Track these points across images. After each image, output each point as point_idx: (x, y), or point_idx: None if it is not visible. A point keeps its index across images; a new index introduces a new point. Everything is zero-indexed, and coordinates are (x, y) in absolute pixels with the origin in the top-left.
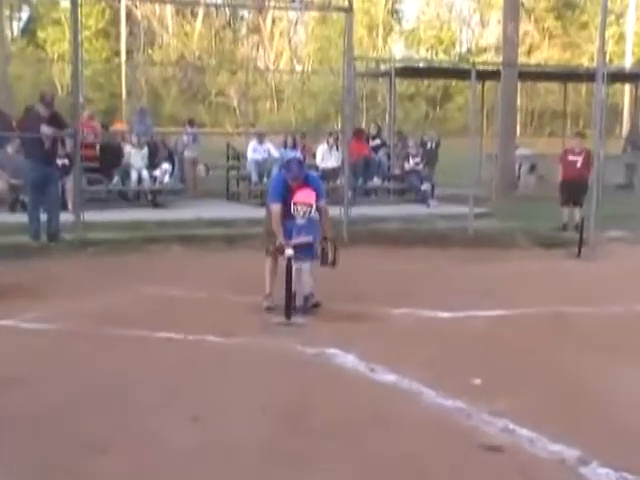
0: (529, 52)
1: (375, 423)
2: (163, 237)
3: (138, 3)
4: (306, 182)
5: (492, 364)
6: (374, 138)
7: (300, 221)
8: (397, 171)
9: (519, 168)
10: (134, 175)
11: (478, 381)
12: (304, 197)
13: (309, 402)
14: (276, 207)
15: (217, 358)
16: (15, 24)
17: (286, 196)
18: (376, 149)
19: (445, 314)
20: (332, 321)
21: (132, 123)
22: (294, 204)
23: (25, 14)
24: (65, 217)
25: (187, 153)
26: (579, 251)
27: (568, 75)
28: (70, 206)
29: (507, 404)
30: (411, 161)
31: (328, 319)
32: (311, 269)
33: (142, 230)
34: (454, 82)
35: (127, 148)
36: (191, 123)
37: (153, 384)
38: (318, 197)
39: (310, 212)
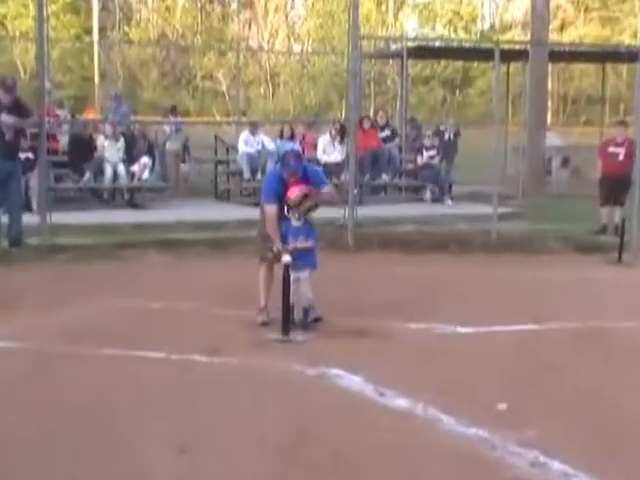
0: (562, 28)
1: (386, 455)
2: (142, 242)
3: None
4: (305, 177)
5: (520, 387)
6: (382, 129)
7: (296, 223)
8: (410, 165)
9: (549, 162)
10: (108, 171)
11: (504, 406)
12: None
13: (310, 431)
14: (271, 208)
15: (205, 380)
16: None
17: (283, 195)
18: (385, 141)
19: (466, 329)
20: (336, 337)
21: (106, 111)
22: (287, 203)
23: None
24: (29, 219)
25: (169, 145)
26: (620, 257)
27: (607, 54)
28: (35, 206)
29: (537, 433)
30: (425, 154)
31: (331, 335)
32: (310, 278)
33: (117, 234)
34: (475, 64)
35: (100, 140)
36: (174, 111)
37: (131, 410)
38: (318, 187)
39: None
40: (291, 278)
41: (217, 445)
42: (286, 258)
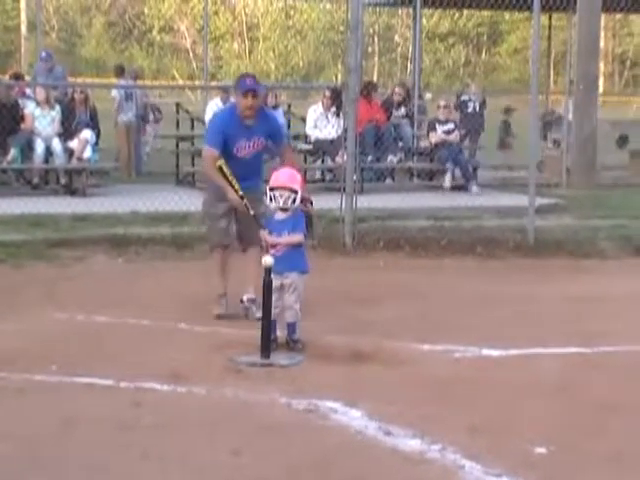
0: None
1: None
2: (84, 239)
3: None
4: (262, 119)
5: (564, 426)
6: (399, 106)
7: (280, 215)
8: (423, 144)
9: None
10: (40, 147)
11: (543, 450)
12: (284, 179)
13: None
14: (212, 152)
15: (164, 416)
16: None
17: (232, 139)
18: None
19: (494, 352)
20: (330, 362)
21: (37, 71)
22: (270, 190)
23: None
24: None
25: (119, 116)
26: None
27: None
28: None
29: None
30: (439, 129)
31: (324, 359)
32: (299, 285)
33: (53, 229)
34: (507, 14)
35: (29, 107)
36: (120, 72)
37: (66, 456)
38: (277, 139)
39: (294, 201)
40: (273, 285)
41: None
42: (267, 260)
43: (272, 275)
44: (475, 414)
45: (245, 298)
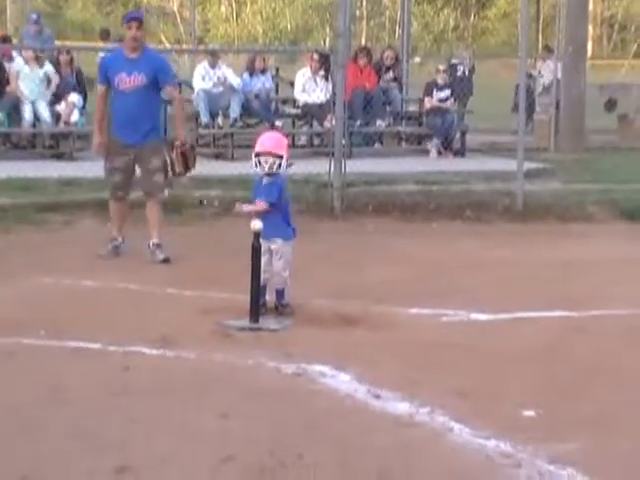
0: None
1: (382, 474)
2: (71, 203)
3: None
4: (148, 57)
5: (551, 389)
6: (388, 70)
7: (267, 180)
8: (412, 108)
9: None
10: (27, 111)
11: (531, 413)
12: (269, 145)
13: (288, 445)
14: (99, 88)
15: (153, 380)
16: None
17: (114, 72)
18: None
19: (482, 316)
20: (319, 326)
21: (25, 34)
22: (256, 156)
23: None
24: None
25: None
26: None
27: None
28: None
29: (573, 446)
30: (435, 95)
31: (313, 323)
32: (286, 252)
33: (40, 192)
34: None
35: (16, 66)
36: (106, 36)
37: (55, 421)
38: (162, 79)
39: (280, 166)
40: (262, 249)
41: (171, 468)
42: (256, 224)
43: (260, 239)
44: (463, 377)
45: (151, 243)
